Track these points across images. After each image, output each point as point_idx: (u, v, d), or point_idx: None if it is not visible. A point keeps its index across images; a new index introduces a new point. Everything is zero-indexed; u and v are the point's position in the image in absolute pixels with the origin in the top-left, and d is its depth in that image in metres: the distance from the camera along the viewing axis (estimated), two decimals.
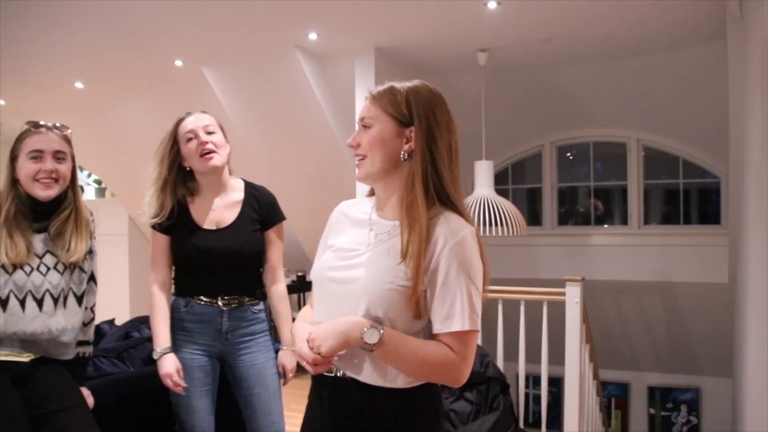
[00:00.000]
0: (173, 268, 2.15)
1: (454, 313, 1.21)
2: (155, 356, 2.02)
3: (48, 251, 1.88)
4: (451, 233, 1.23)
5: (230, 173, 2.20)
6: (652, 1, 3.57)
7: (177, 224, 2.11)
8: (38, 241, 1.87)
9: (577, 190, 6.10)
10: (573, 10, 3.72)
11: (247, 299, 2.13)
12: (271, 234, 2.19)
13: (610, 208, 5.99)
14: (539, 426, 3.62)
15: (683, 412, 6.01)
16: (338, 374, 1.30)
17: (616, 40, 4.33)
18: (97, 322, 3.35)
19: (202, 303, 2.08)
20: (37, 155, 1.86)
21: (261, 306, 2.18)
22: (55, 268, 1.88)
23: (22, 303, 1.80)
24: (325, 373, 1.31)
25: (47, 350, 1.85)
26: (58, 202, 1.91)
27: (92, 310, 2.05)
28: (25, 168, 1.85)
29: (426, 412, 1.31)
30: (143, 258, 6.79)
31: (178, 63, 4.63)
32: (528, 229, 4.42)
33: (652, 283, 5.44)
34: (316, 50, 4.42)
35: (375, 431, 1.28)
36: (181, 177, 2.12)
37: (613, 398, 6.20)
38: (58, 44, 4.21)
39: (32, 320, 1.81)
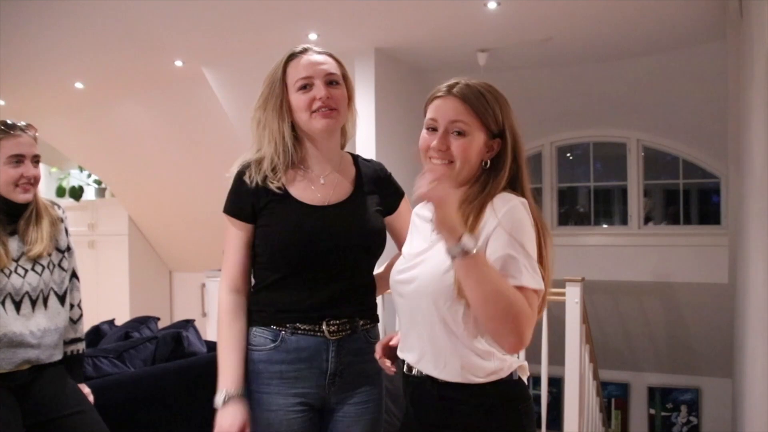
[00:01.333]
0: (253, 281, 1.55)
1: (519, 271, 1.17)
2: (216, 403, 1.41)
3: (23, 253, 1.87)
4: (498, 208, 1.23)
5: (342, 146, 1.63)
6: (652, 1, 3.57)
7: (267, 205, 1.49)
8: (12, 244, 1.85)
9: (577, 190, 6.10)
10: (573, 10, 3.72)
11: (361, 322, 1.51)
12: (404, 209, 1.63)
13: (610, 209, 5.99)
14: (539, 426, 3.61)
15: (683, 413, 6.00)
16: (416, 373, 1.33)
17: (616, 40, 4.33)
18: (96, 322, 3.37)
19: (300, 332, 1.45)
20: (19, 160, 1.84)
21: (377, 332, 1.58)
22: (33, 269, 1.87)
23: (2, 305, 1.80)
24: (406, 372, 1.35)
25: (38, 358, 1.84)
26: (26, 203, 1.89)
27: (79, 306, 2.03)
28: (6, 173, 1.82)
29: (504, 408, 1.29)
30: (143, 258, 6.80)
31: (178, 63, 4.62)
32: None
33: (652, 283, 5.44)
34: None
35: (452, 427, 1.29)
36: (286, 132, 1.52)
37: (613, 398, 6.20)
38: (58, 44, 4.21)
39: (13, 322, 1.80)
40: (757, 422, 2.35)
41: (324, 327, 1.45)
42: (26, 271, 1.86)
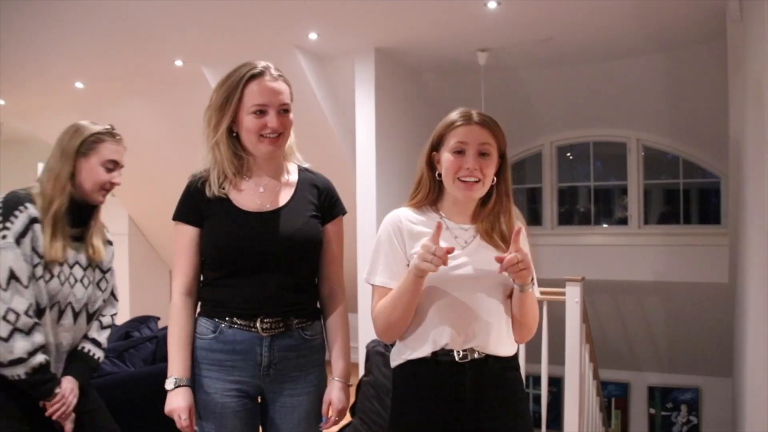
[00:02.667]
0: (201, 277, 1.67)
1: (534, 285, 1.54)
2: (167, 386, 1.57)
3: (77, 263, 1.85)
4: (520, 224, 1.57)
5: (287, 157, 1.72)
6: (652, 1, 3.57)
7: (210, 211, 1.63)
8: (70, 250, 1.83)
9: (577, 190, 6.10)
10: (573, 10, 3.72)
11: (296, 321, 1.62)
12: (330, 230, 1.70)
13: (610, 208, 6.00)
14: (539, 426, 3.61)
15: (683, 412, 6.01)
16: (476, 356, 1.52)
17: (616, 40, 4.33)
18: None
19: (236, 327, 1.58)
20: (112, 167, 1.88)
21: (317, 329, 1.68)
22: (81, 281, 1.86)
23: (48, 311, 1.78)
24: (459, 360, 1.51)
25: (56, 371, 1.82)
26: (93, 210, 1.90)
27: (112, 317, 2.02)
28: (98, 175, 1.85)
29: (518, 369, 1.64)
30: (143, 258, 6.81)
31: (179, 63, 4.63)
32: (528, 229, 4.42)
33: (652, 283, 5.44)
34: (316, 50, 4.42)
35: (509, 391, 1.57)
36: (231, 145, 1.63)
37: (613, 398, 6.20)
38: (58, 44, 4.21)
39: (49, 331, 1.78)
40: (757, 422, 2.35)
41: (258, 324, 1.57)
42: (75, 281, 1.84)
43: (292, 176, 1.71)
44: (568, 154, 6.04)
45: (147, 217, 6.61)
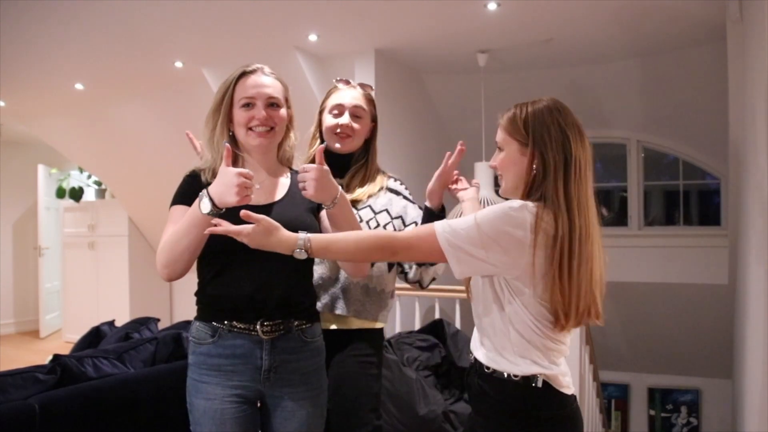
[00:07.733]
0: (196, 278, 1.65)
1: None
2: (204, 209, 1.48)
3: None
4: None
5: (286, 161, 1.75)
6: (653, 1, 3.57)
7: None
8: None
9: None
10: (573, 10, 3.72)
11: (296, 322, 1.62)
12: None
13: (610, 209, 5.99)
14: None
15: (683, 414, 6.00)
16: (472, 359, 1.54)
17: (616, 40, 4.33)
18: (97, 323, 3.38)
19: (236, 330, 1.56)
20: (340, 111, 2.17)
21: (316, 331, 1.68)
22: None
23: None
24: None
25: None
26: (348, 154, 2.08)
27: None
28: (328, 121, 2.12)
29: (522, 413, 1.44)
30: (143, 259, 6.80)
31: (178, 64, 4.63)
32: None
33: (652, 284, 5.44)
34: (316, 51, 4.42)
35: (481, 413, 1.49)
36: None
37: (613, 399, 6.20)
38: (58, 46, 4.21)
39: None
40: (758, 423, 2.35)
41: (258, 327, 1.56)
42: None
43: (287, 177, 1.73)
44: None
45: (147, 218, 6.61)
